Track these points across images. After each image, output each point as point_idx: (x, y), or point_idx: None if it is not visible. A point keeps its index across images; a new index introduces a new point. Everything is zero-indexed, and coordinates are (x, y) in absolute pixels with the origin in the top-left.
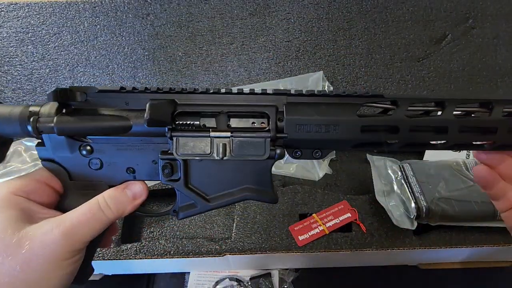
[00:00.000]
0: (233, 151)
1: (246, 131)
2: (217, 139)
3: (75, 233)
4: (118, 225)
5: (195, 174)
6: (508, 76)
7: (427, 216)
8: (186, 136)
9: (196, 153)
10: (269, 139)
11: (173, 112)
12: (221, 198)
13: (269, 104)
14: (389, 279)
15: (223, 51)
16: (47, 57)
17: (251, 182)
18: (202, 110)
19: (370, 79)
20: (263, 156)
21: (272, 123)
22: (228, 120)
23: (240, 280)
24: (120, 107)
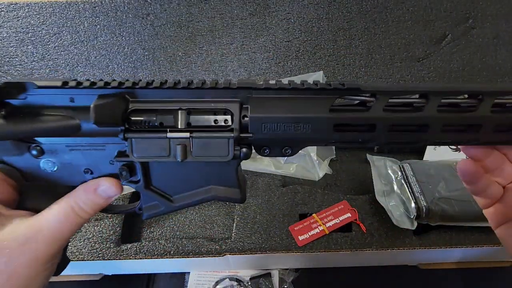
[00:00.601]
0: (194, 152)
1: (207, 131)
2: (176, 139)
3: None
4: None
5: (156, 175)
6: (508, 76)
7: (427, 216)
8: (141, 138)
9: (153, 156)
10: (232, 139)
11: (125, 111)
12: (186, 199)
13: (233, 100)
14: (389, 279)
15: (223, 51)
16: (47, 57)
17: (216, 182)
18: (158, 107)
19: (370, 79)
20: (227, 157)
21: (236, 121)
22: (188, 117)
23: (240, 280)
24: (65, 105)
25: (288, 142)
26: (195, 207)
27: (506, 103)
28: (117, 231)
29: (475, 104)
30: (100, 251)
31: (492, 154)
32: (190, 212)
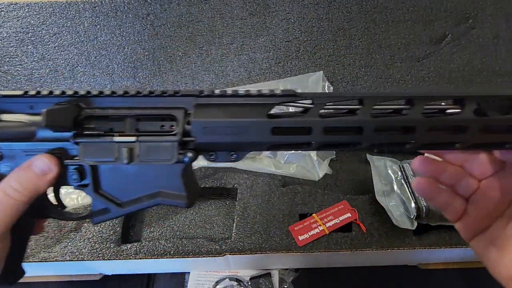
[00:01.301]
0: (140, 156)
1: (153, 135)
2: (123, 143)
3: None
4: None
5: (106, 179)
6: (508, 76)
7: (427, 216)
8: (91, 142)
9: (102, 159)
10: (176, 143)
11: (77, 117)
12: (134, 203)
13: (178, 106)
14: (389, 279)
15: (223, 51)
16: (47, 57)
17: (163, 186)
18: (109, 114)
19: (370, 79)
20: (171, 161)
21: (180, 126)
22: (136, 123)
23: (240, 280)
24: (24, 112)
25: (231, 146)
26: (195, 207)
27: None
28: (117, 231)
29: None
30: (100, 251)
31: (447, 169)
32: (190, 212)
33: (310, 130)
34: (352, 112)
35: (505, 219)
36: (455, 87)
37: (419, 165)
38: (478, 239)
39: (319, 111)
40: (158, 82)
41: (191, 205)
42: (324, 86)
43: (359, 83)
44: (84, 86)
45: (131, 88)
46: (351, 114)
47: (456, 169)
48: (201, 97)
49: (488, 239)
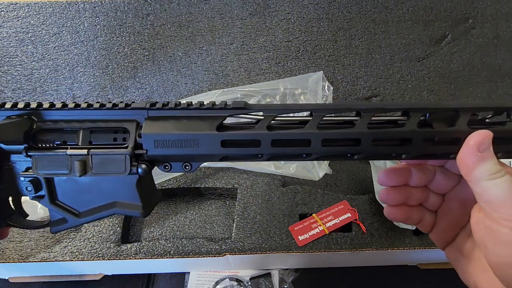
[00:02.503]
0: (93, 168)
1: (106, 147)
2: (75, 156)
3: None
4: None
5: (61, 190)
6: (508, 76)
7: None
8: (43, 155)
9: (55, 171)
10: (128, 155)
11: (29, 130)
12: (91, 213)
13: (130, 119)
14: (389, 279)
15: (223, 51)
16: (47, 57)
17: (119, 196)
18: (62, 127)
19: (370, 79)
20: (124, 173)
21: (132, 139)
22: (89, 136)
23: (240, 280)
24: None
25: (184, 158)
26: (195, 207)
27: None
28: (117, 231)
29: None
30: (100, 251)
31: (413, 193)
32: (190, 212)
33: (259, 143)
34: (302, 123)
35: (468, 229)
36: (455, 87)
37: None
38: (449, 248)
39: (268, 123)
40: (158, 82)
41: (147, 215)
42: (324, 86)
43: (359, 83)
44: (84, 86)
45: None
46: (301, 125)
47: (422, 190)
48: (152, 110)
49: (456, 248)
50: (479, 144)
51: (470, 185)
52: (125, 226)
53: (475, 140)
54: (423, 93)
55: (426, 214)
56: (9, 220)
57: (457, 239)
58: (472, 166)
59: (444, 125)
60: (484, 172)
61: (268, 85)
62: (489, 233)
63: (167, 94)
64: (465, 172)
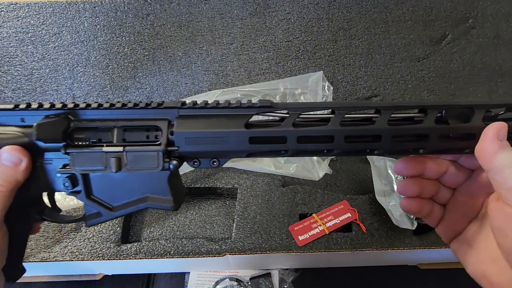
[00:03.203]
0: (127, 164)
1: (139, 145)
2: (111, 153)
3: None
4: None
5: (96, 186)
6: (508, 76)
7: None
8: (81, 152)
9: (92, 168)
10: (161, 152)
11: (66, 129)
12: (124, 207)
13: (162, 117)
14: (389, 279)
15: (223, 51)
16: (47, 57)
17: (150, 191)
18: (98, 126)
19: (370, 79)
20: (157, 169)
21: (164, 136)
22: (123, 134)
23: (240, 280)
24: (16, 124)
25: (212, 154)
26: (195, 207)
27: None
28: (117, 231)
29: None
30: (100, 251)
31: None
32: (190, 212)
33: (285, 139)
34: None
35: (478, 221)
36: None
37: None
38: (456, 241)
39: (293, 121)
40: (158, 82)
41: (177, 208)
42: (324, 86)
43: (359, 83)
44: (84, 86)
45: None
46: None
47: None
48: (183, 109)
49: (464, 240)
50: (497, 134)
51: (490, 174)
52: (125, 226)
53: (493, 130)
54: (423, 93)
55: (435, 207)
56: (43, 215)
57: (465, 231)
58: (493, 155)
59: (459, 122)
60: (505, 160)
61: (268, 85)
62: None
63: (167, 94)
64: (485, 161)
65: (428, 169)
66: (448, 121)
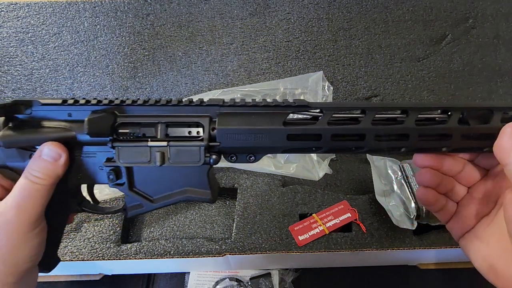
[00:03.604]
0: (171, 158)
1: (182, 140)
2: (155, 147)
3: (24, 207)
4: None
5: (139, 178)
6: (508, 76)
7: (427, 216)
8: (126, 146)
9: (136, 161)
10: (203, 147)
11: (113, 124)
12: (164, 199)
13: (204, 114)
14: (389, 279)
15: (223, 51)
16: (47, 57)
17: (190, 184)
18: (142, 121)
19: (370, 79)
20: (199, 163)
21: (206, 132)
22: (166, 129)
23: (240, 280)
24: (63, 119)
25: (250, 150)
26: (195, 207)
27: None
28: (117, 231)
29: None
30: (100, 251)
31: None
32: (190, 212)
33: (320, 137)
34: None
35: (490, 218)
36: (455, 87)
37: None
38: (465, 237)
39: (328, 119)
40: (158, 82)
41: (214, 201)
42: (324, 86)
43: (359, 83)
44: (84, 86)
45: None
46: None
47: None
48: (224, 107)
49: (474, 236)
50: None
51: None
52: (125, 226)
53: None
54: (423, 93)
55: (449, 203)
56: (82, 207)
57: (476, 227)
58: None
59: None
60: None
61: (268, 85)
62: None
63: (167, 94)
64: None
65: (446, 165)
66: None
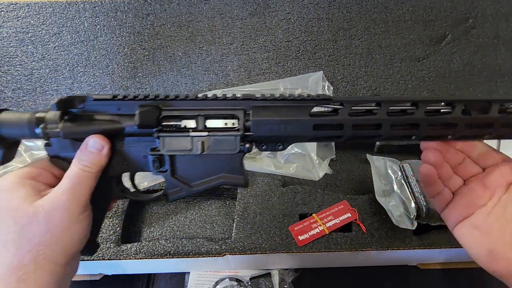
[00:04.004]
0: (210, 147)
1: (220, 131)
2: (196, 137)
3: (75, 192)
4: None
5: (180, 166)
6: (508, 76)
7: (427, 216)
8: (170, 136)
9: (179, 150)
10: (239, 136)
11: (158, 116)
12: (202, 184)
13: (239, 108)
14: (389, 279)
15: (223, 51)
16: (47, 57)
17: (226, 170)
18: (183, 114)
19: (370, 79)
20: (235, 151)
21: (241, 123)
22: (205, 121)
23: (240, 280)
24: (113, 112)
25: (280, 139)
26: (195, 207)
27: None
28: (117, 231)
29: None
30: (100, 251)
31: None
32: (190, 212)
33: (342, 126)
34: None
35: (487, 209)
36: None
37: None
38: (461, 225)
39: (348, 111)
40: (158, 82)
41: (248, 185)
42: (324, 86)
43: (359, 83)
44: (84, 86)
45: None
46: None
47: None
48: (257, 100)
49: (471, 224)
50: None
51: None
52: (125, 226)
53: None
54: (423, 93)
55: (445, 190)
56: (125, 193)
57: (473, 217)
58: None
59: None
60: None
61: (268, 85)
62: None
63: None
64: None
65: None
66: (470, 112)
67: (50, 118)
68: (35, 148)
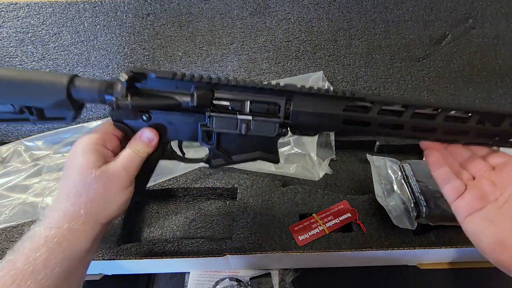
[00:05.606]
0: (252, 129)
1: (263, 116)
2: (243, 119)
3: (129, 168)
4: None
5: (224, 141)
6: (508, 76)
7: (427, 216)
8: (220, 116)
9: (226, 128)
10: (278, 123)
11: (212, 98)
12: (240, 158)
13: (281, 97)
14: (389, 279)
15: (223, 51)
16: (47, 57)
17: (262, 148)
18: (233, 97)
19: (370, 79)
20: (273, 134)
21: (282, 111)
22: (251, 106)
23: (240, 280)
24: (171, 90)
25: (313, 127)
26: (195, 207)
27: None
28: (117, 231)
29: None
30: (100, 251)
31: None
32: (190, 212)
33: (369, 124)
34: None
35: (500, 203)
36: (455, 87)
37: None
38: (472, 216)
39: (377, 111)
40: None
41: (279, 162)
42: (324, 86)
43: (359, 83)
44: None
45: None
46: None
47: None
48: (298, 93)
49: (483, 216)
50: None
51: None
52: (125, 226)
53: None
54: (423, 93)
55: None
56: (174, 157)
57: (486, 208)
58: None
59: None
60: None
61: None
62: None
63: None
64: None
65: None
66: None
67: (118, 90)
68: (35, 148)
